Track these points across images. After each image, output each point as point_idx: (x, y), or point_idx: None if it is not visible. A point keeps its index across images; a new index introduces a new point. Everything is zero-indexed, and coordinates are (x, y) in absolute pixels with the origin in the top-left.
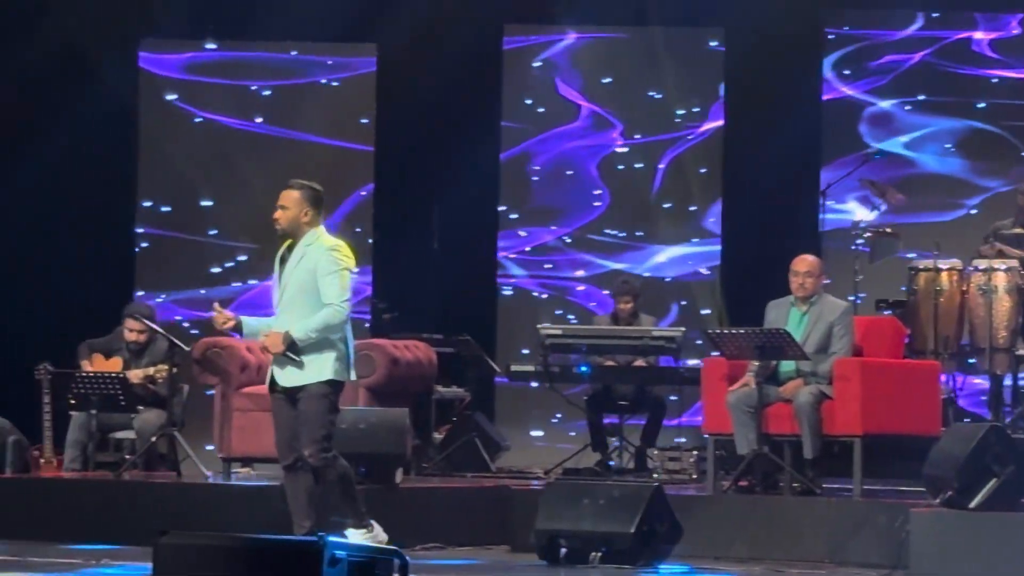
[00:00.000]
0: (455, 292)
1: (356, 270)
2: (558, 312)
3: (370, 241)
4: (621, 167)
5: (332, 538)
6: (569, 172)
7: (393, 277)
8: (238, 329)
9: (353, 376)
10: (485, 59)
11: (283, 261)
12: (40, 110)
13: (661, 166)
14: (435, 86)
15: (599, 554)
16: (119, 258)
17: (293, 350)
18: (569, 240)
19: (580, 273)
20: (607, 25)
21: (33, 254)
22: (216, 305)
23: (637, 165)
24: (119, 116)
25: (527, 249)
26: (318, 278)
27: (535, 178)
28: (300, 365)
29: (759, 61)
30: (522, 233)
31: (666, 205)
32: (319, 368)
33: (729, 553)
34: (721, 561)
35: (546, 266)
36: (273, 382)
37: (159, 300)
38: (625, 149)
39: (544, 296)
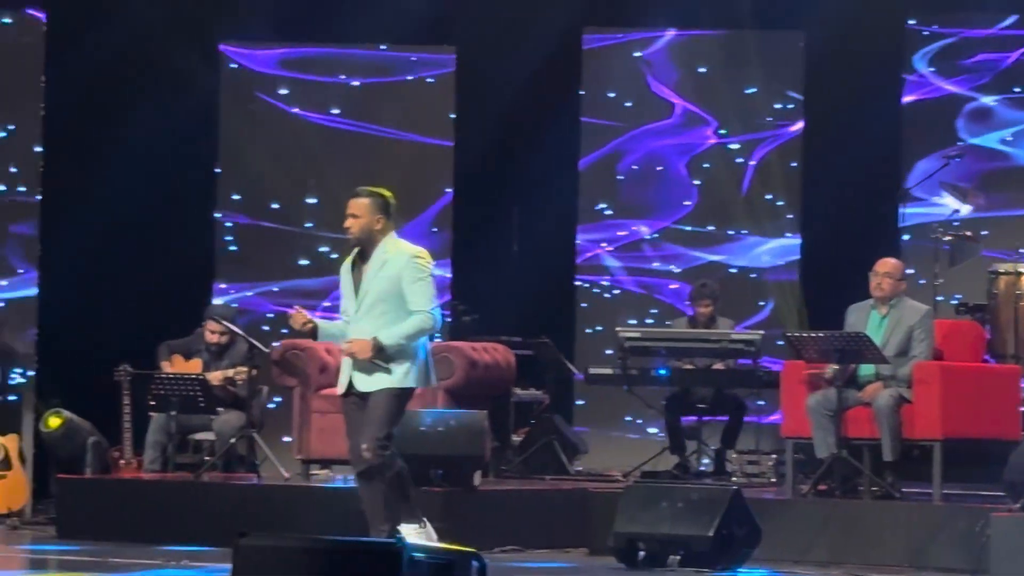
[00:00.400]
0: (534, 294)
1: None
2: (653, 311)
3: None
4: (707, 165)
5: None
6: (659, 168)
7: (472, 279)
8: (314, 333)
9: (435, 381)
10: (564, 59)
11: (354, 268)
12: (122, 107)
13: (753, 163)
14: (514, 88)
15: (678, 557)
16: (200, 257)
17: (381, 356)
18: (658, 235)
19: (673, 268)
20: (689, 28)
21: (113, 254)
22: (298, 307)
23: (737, 160)
24: (201, 112)
25: (603, 247)
26: (404, 286)
27: (620, 177)
28: (388, 371)
29: (843, 60)
30: (622, 232)
31: (767, 196)
32: (402, 375)
33: (808, 557)
34: (800, 565)
35: (655, 263)
36: (348, 386)
37: (248, 295)
38: (736, 145)
39: (618, 292)
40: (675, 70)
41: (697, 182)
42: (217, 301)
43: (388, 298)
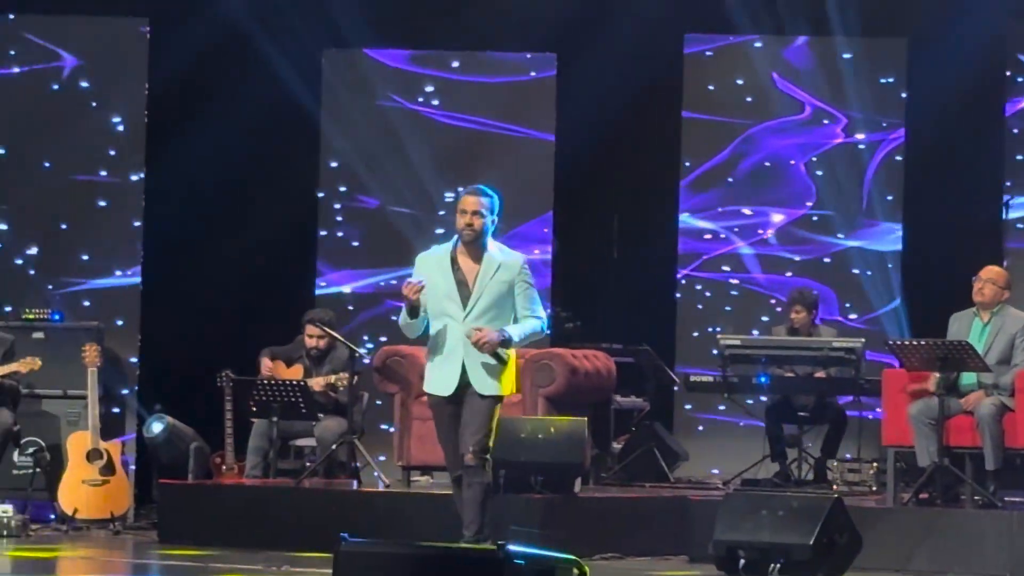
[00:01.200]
0: (635, 301)
1: None
2: (775, 310)
3: (546, 252)
4: (815, 159)
5: (512, 546)
6: (776, 165)
7: (573, 286)
8: (415, 311)
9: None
10: (666, 64)
11: (453, 266)
12: (224, 104)
13: (870, 165)
14: (615, 93)
15: (778, 565)
16: (303, 253)
17: (502, 350)
18: (767, 236)
19: (793, 262)
20: (793, 33)
21: (216, 258)
22: (422, 279)
23: (855, 161)
24: (305, 110)
25: (707, 237)
26: (517, 292)
27: (730, 179)
28: (501, 376)
29: (946, 66)
30: (762, 233)
31: (888, 197)
32: (511, 381)
33: (909, 566)
34: (901, 574)
35: (770, 262)
36: (462, 387)
37: (368, 284)
38: (861, 134)
39: (722, 295)
40: (785, 70)
41: (819, 172)
42: (349, 287)
43: (501, 302)
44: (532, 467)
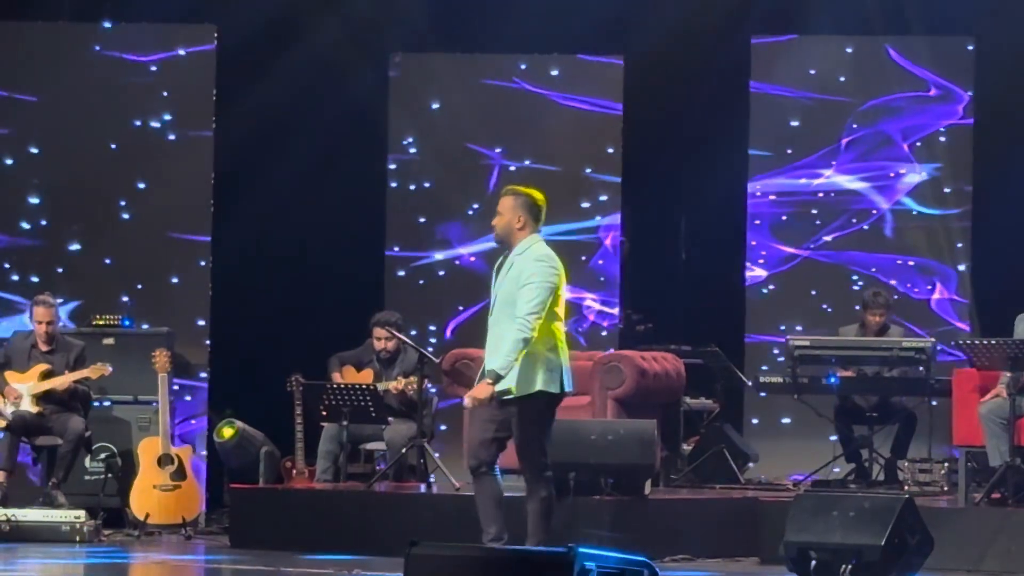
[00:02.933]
0: (704, 302)
1: (566, 286)
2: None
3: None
4: (927, 137)
5: (583, 549)
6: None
7: (642, 288)
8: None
9: (569, 387)
10: (732, 63)
11: (497, 271)
12: (294, 118)
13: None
14: (681, 93)
15: (849, 567)
16: (371, 259)
17: (500, 379)
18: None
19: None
20: (857, 33)
21: (286, 265)
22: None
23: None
24: (370, 124)
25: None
26: (517, 288)
27: (834, 162)
28: (511, 392)
29: (1014, 64)
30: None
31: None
32: (527, 381)
33: (981, 567)
34: (973, 574)
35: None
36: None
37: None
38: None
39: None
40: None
41: (930, 148)
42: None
43: (511, 301)
44: (602, 469)
